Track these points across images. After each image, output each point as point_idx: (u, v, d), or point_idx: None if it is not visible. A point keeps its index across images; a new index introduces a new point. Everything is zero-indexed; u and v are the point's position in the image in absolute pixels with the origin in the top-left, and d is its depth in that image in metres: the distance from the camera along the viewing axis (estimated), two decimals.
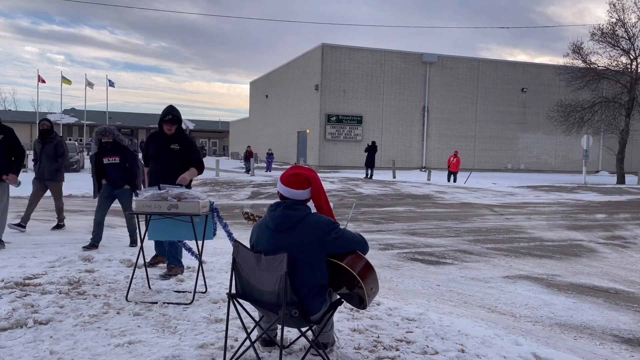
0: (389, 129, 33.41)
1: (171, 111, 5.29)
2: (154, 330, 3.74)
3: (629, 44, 27.56)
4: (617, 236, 9.55)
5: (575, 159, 36.26)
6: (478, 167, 34.04)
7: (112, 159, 6.78)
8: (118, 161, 6.81)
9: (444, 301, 5.10)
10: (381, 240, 8.34)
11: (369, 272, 3.01)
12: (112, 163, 6.80)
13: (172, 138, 5.32)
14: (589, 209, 14.22)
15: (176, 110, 5.36)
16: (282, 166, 33.59)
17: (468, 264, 6.80)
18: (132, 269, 4.79)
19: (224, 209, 11.86)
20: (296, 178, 3.09)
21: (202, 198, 4.62)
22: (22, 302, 4.18)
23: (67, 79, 44.81)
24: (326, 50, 31.96)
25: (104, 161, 6.80)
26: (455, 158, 23.88)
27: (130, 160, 6.89)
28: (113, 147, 6.78)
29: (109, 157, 6.80)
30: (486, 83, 35.06)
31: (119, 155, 6.81)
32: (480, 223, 10.78)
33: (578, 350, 3.93)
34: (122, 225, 9.51)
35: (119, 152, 6.82)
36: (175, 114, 5.31)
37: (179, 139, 5.34)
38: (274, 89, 42.05)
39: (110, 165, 6.82)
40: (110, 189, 6.83)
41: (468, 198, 16.25)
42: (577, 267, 6.85)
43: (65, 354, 3.27)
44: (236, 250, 3.04)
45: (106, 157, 6.80)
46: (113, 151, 6.79)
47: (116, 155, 6.80)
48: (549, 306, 5.04)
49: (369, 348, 3.51)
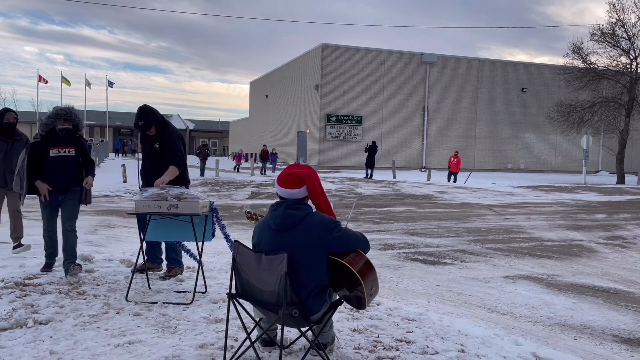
0: (389, 129, 33.41)
1: (140, 117, 5.02)
2: (154, 330, 3.74)
3: (629, 44, 27.59)
4: (617, 236, 9.55)
5: (575, 159, 36.26)
6: (478, 167, 34.03)
7: (65, 150, 5.12)
8: (73, 154, 5.18)
9: (444, 301, 5.10)
10: (381, 240, 8.34)
11: (369, 271, 3.01)
12: (63, 156, 5.11)
13: (155, 138, 5.18)
14: (589, 209, 14.22)
15: (145, 113, 5.05)
16: (282, 166, 33.61)
17: (468, 264, 6.80)
18: (132, 269, 4.79)
19: (224, 209, 11.86)
20: (289, 178, 3.10)
21: (202, 198, 4.62)
22: (22, 302, 4.18)
23: (66, 79, 44.82)
24: (326, 50, 31.96)
25: (49, 153, 5.05)
26: (455, 158, 23.87)
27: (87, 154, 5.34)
28: (68, 134, 5.14)
29: (61, 147, 5.10)
30: (486, 83, 35.06)
31: (75, 147, 5.19)
32: (480, 223, 10.78)
33: (578, 350, 3.92)
34: (122, 225, 9.50)
35: (75, 142, 5.20)
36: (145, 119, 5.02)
37: (161, 138, 5.15)
38: (274, 89, 42.05)
39: (59, 159, 5.09)
40: (55, 195, 5.10)
41: (468, 198, 16.25)
42: (577, 267, 6.85)
43: (65, 354, 3.27)
44: (236, 250, 3.04)
45: (56, 147, 5.08)
46: (67, 140, 5.13)
47: (71, 145, 5.16)
48: (549, 306, 5.04)
49: (369, 348, 3.51)
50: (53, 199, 5.09)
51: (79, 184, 5.23)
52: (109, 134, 59.43)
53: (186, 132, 68.69)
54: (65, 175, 5.10)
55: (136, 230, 5.43)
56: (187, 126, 68.66)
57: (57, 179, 5.07)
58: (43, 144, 5.08)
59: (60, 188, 5.10)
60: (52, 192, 5.06)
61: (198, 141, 69.29)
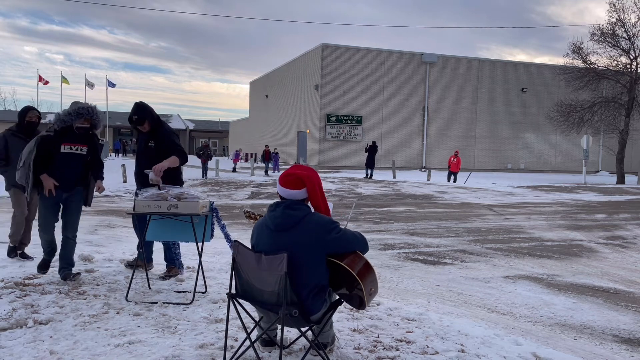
0: (389, 129, 33.41)
1: (135, 112, 5.04)
2: (154, 330, 3.74)
3: (629, 44, 27.60)
4: (617, 236, 9.55)
5: (575, 159, 36.27)
6: (478, 167, 34.04)
7: (77, 147, 4.93)
8: (85, 152, 4.99)
9: (444, 301, 5.10)
10: (381, 240, 8.34)
11: (368, 272, 3.01)
12: (74, 153, 4.92)
13: (149, 135, 5.17)
14: (589, 209, 14.22)
15: (140, 109, 5.05)
16: (282, 166, 33.60)
17: (468, 264, 6.80)
18: (132, 269, 4.79)
19: (224, 209, 11.87)
20: (290, 178, 3.10)
21: (202, 198, 4.62)
22: (22, 302, 4.18)
23: (66, 79, 44.78)
24: (326, 50, 31.97)
25: (61, 148, 4.85)
26: (455, 158, 23.88)
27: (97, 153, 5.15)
28: (84, 133, 4.96)
29: (73, 143, 4.90)
30: (486, 83, 35.06)
31: (88, 144, 5.00)
32: (480, 223, 10.78)
33: (578, 350, 3.92)
34: (123, 225, 9.50)
35: (87, 140, 5.00)
36: (139, 114, 5.02)
37: (155, 136, 5.14)
38: (274, 89, 42.05)
39: (69, 156, 4.90)
40: (60, 192, 4.89)
41: (468, 198, 16.25)
42: (577, 267, 6.85)
43: (65, 354, 3.27)
44: (236, 250, 3.04)
45: (68, 144, 4.87)
46: (81, 137, 4.94)
47: (84, 143, 4.97)
48: (549, 306, 5.04)
49: (369, 348, 3.51)
50: (57, 195, 4.86)
51: (83, 184, 5.04)
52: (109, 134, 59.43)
53: (186, 132, 68.83)
54: (73, 172, 4.91)
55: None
56: (187, 126, 68.88)
57: (63, 176, 4.85)
58: (55, 139, 4.83)
59: (66, 186, 4.89)
60: (57, 188, 4.84)
61: (198, 141, 69.28)
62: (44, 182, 4.79)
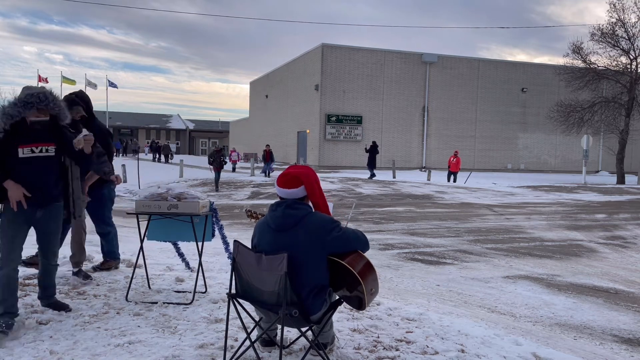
0: (389, 129, 33.41)
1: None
2: (154, 330, 3.74)
3: (629, 44, 27.60)
4: (617, 236, 9.55)
5: (575, 159, 36.25)
6: (478, 167, 34.03)
7: (40, 147, 3.69)
8: (54, 153, 3.76)
9: (444, 301, 5.10)
10: (381, 240, 8.34)
11: (369, 272, 3.01)
12: (39, 157, 3.69)
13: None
14: (589, 209, 14.22)
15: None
16: (282, 166, 33.58)
17: (468, 264, 6.80)
18: (132, 269, 4.79)
19: (224, 209, 11.86)
20: (287, 178, 3.11)
21: (202, 198, 4.62)
22: (22, 302, 4.17)
23: (69, 79, 44.68)
24: (326, 50, 31.96)
25: (19, 153, 3.61)
26: (455, 158, 23.88)
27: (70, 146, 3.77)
28: (44, 128, 3.69)
29: (34, 144, 3.66)
30: (486, 83, 35.05)
31: (55, 142, 3.76)
32: (480, 223, 10.78)
33: (578, 350, 3.92)
34: (122, 225, 9.48)
35: (54, 137, 3.76)
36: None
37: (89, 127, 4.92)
38: (274, 89, 42.05)
39: (34, 161, 3.67)
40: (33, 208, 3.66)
41: (468, 198, 16.25)
42: (577, 267, 6.85)
43: (65, 354, 3.27)
44: (236, 250, 3.04)
45: (27, 145, 3.63)
46: (44, 134, 3.70)
47: (49, 141, 3.73)
48: (549, 306, 5.04)
49: (369, 348, 3.51)
50: (26, 213, 3.63)
51: (62, 195, 3.93)
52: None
53: (186, 132, 68.77)
54: (44, 182, 3.69)
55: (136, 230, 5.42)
56: (187, 126, 68.79)
57: (33, 187, 3.63)
58: (8, 142, 3.58)
59: (38, 200, 3.68)
60: (29, 201, 3.63)
61: (198, 141, 69.23)
62: (10, 192, 3.57)
